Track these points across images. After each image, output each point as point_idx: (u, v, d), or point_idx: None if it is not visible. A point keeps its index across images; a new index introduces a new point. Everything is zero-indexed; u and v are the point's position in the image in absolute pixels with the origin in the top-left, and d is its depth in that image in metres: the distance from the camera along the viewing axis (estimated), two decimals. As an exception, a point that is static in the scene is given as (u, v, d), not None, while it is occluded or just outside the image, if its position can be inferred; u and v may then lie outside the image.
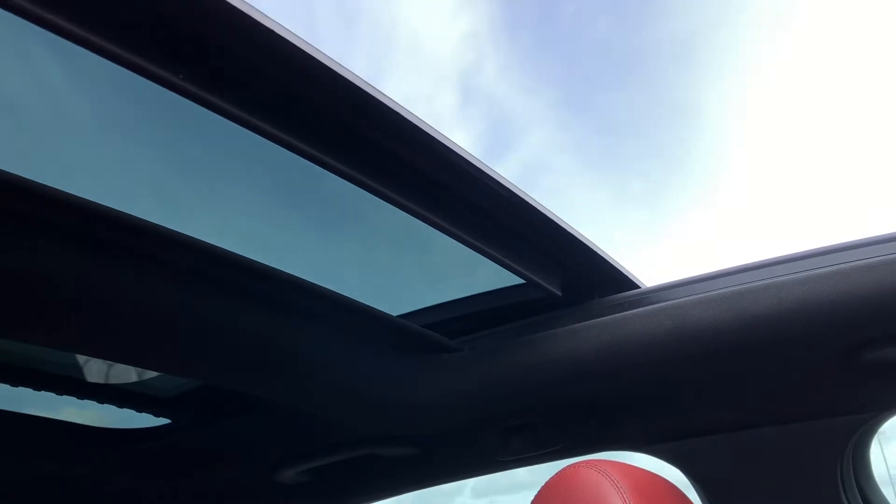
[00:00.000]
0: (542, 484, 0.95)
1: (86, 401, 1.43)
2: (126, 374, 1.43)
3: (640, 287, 1.24)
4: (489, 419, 1.35)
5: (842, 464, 1.21)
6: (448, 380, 1.30)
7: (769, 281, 1.07)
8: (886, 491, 1.29)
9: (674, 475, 1.30)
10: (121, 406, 1.45)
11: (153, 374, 1.42)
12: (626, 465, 0.96)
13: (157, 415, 1.49)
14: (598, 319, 1.19)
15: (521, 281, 1.19)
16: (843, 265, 1.02)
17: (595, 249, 1.18)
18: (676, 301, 1.14)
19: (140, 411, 1.47)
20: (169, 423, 1.51)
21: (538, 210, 1.06)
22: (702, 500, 1.30)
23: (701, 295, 1.12)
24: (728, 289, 1.10)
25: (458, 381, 1.29)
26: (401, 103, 0.87)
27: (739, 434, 1.26)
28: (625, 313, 1.17)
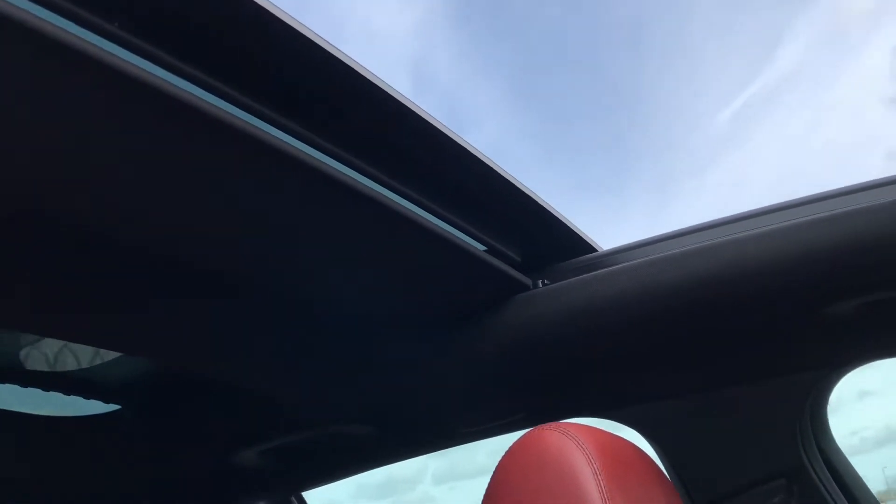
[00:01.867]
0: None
1: (29, 388, 1.37)
2: (72, 360, 1.38)
3: (597, 251, 1.23)
4: (448, 392, 1.33)
5: (800, 420, 1.22)
6: (407, 356, 1.28)
7: (727, 238, 1.06)
8: None
9: (636, 439, 1.30)
10: (68, 393, 1.40)
11: (101, 360, 1.38)
12: (590, 427, 0.95)
13: (106, 401, 1.45)
14: (557, 284, 1.17)
15: (483, 248, 1.17)
16: (799, 220, 1.02)
17: (553, 212, 1.16)
18: (634, 262, 1.13)
19: (88, 398, 1.43)
20: (119, 409, 1.46)
21: (495, 170, 1.04)
22: (664, 462, 1.30)
23: (658, 255, 1.11)
24: (686, 248, 1.09)
25: (417, 356, 1.27)
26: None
27: (699, 395, 1.26)
28: (583, 276, 1.15)
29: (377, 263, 1.09)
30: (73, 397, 1.42)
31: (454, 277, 1.17)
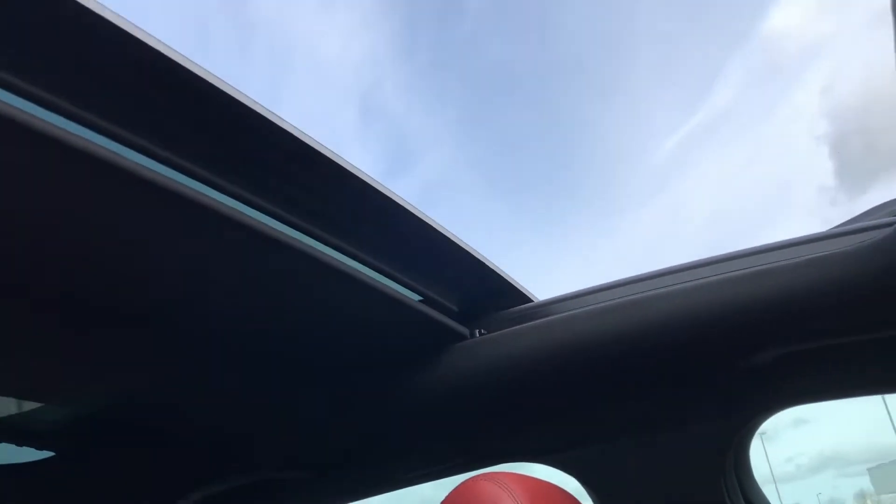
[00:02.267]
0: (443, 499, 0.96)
1: None
2: (3, 406, 1.35)
3: (532, 301, 1.28)
4: (388, 438, 1.35)
5: (724, 463, 1.27)
6: (346, 402, 1.30)
7: (655, 292, 1.12)
8: (770, 489, 1.36)
9: (571, 484, 1.33)
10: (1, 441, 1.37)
11: (32, 405, 1.35)
12: (523, 476, 0.98)
13: (39, 448, 1.42)
14: (493, 334, 1.21)
15: (419, 298, 1.20)
16: (721, 276, 1.08)
17: (489, 265, 1.20)
18: (567, 314, 1.17)
19: (21, 445, 1.40)
20: (53, 456, 1.43)
21: (433, 227, 1.08)
22: None
23: (591, 307, 1.16)
24: (617, 300, 1.14)
25: (357, 402, 1.29)
26: (295, 124, 0.86)
27: (628, 439, 1.31)
28: (518, 326, 1.20)
29: (315, 313, 1.11)
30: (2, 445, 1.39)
31: (392, 327, 1.20)
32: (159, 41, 0.71)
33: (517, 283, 1.26)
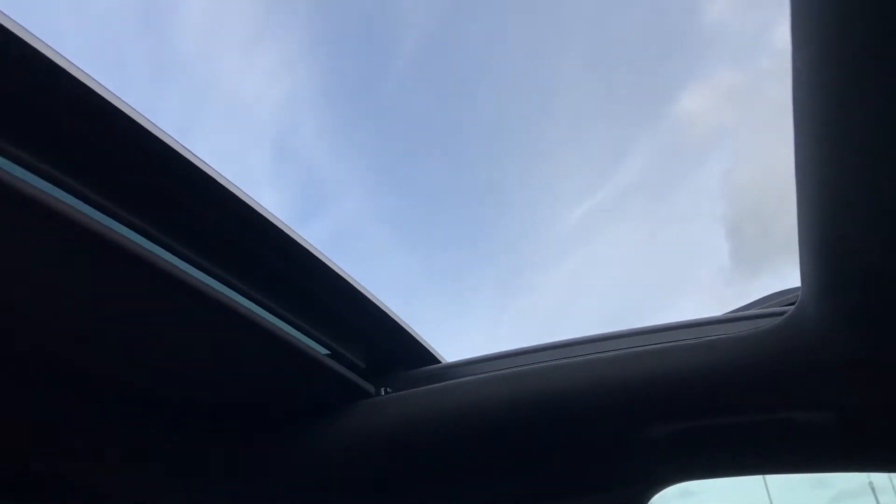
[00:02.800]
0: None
1: None
2: None
3: (440, 362, 1.28)
4: (291, 492, 1.32)
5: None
6: (250, 453, 1.26)
7: (557, 363, 1.14)
8: None
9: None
10: None
11: None
12: None
13: None
14: (399, 393, 1.21)
15: (326, 351, 1.19)
16: (625, 350, 1.12)
17: (400, 323, 1.20)
18: (473, 378, 1.18)
19: None
20: None
21: (346, 280, 1.08)
22: None
23: (496, 373, 1.17)
24: (521, 368, 1.16)
25: (261, 454, 1.26)
26: (206, 159, 0.85)
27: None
28: (425, 388, 1.20)
29: (216, 358, 1.09)
30: None
31: (298, 378, 1.18)
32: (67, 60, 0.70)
33: (426, 342, 1.27)
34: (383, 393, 1.22)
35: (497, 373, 1.16)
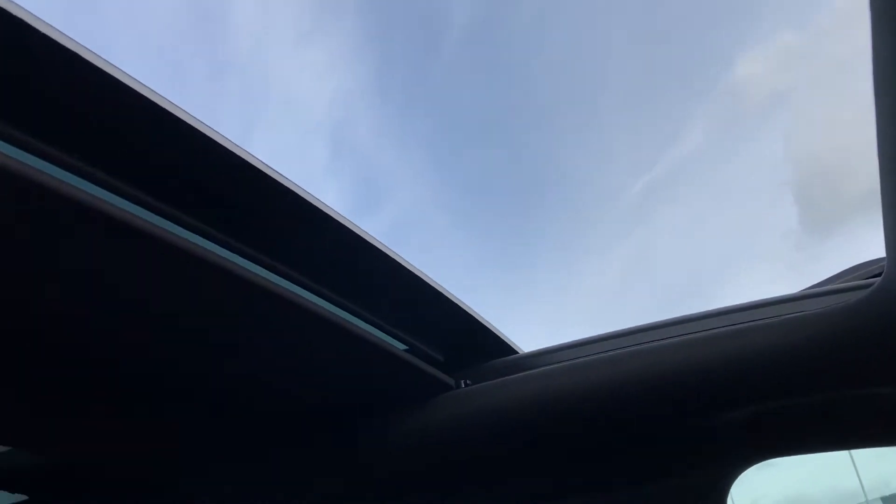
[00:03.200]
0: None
1: None
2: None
3: (517, 353, 1.30)
4: (372, 486, 1.35)
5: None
6: (334, 449, 1.30)
7: (637, 348, 1.15)
8: None
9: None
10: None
11: (4, 448, 1.33)
12: None
13: (12, 491, 1.40)
14: (479, 385, 1.22)
15: (405, 347, 1.22)
16: (703, 333, 1.12)
17: (475, 316, 1.22)
18: (551, 367, 1.19)
19: None
20: (26, 500, 1.41)
21: (421, 278, 1.10)
22: None
23: (575, 361, 1.18)
24: (599, 355, 1.17)
25: (341, 454, 1.29)
26: (267, 160, 0.87)
27: (610, 493, 1.32)
28: (504, 378, 1.21)
29: (300, 360, 1.12)
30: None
31: (378, 376, 1.21)
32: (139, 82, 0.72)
33: (501, 334, 1.28)
34: (463, 385, 1.24)
35: (577, 361, 1.17)
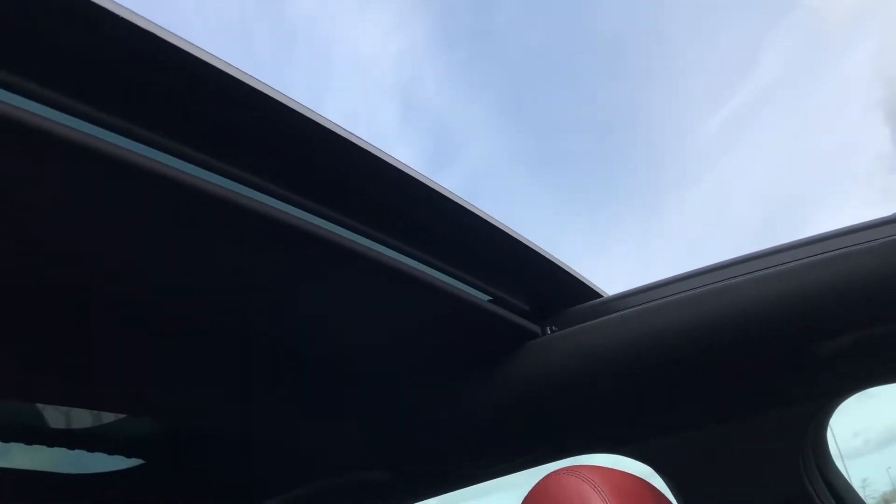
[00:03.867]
0: (528, 489, 0.99)
1: (35, 446, 1.40)
2: (91, 418, 1.41)
3: (602, 296, 1.29)
4: (463, 437, 1.38)
5: (802, 449, 1.27)
6: (421, 404, 1.33)
7: (726, 283, 1.13)
8: (837, 465, 1.36)
9: (646, 472, 1.34)
10: (92, 450, 1.43)
11: (120, 415, 1.41)
12: (604, 468, 1.00)
13: (128, 456, 1.48)
14: (565, 330, 1.23)
15: (489, 298, 1.23)
16: (794, 263, 1.09)
17: (557, 262, 1.22)
18: (637, 308, 1.19)
19: (111, 454, 1.46)
20: (142, 464, 1.49)
21: (498, 227, 1.10)
22: (674, 495, 1.35)
23: (661, 301, 1.17)
24: (687, 293, 1.15)
25: (432, 404, 1.32)
26: (340, 122, 0.88)
27: (705, 429, 1.31)
28: (590, 322, 1.21)
29: (386, 319, 1.15)
30: (96, 454, 1.45)
31: (463, 328, 1.22)
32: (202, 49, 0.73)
33: (585, 278, 1.28)
34: (549, 332, 1.25)
35: (663, 300, 1.16)
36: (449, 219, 1.05)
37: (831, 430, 1.38)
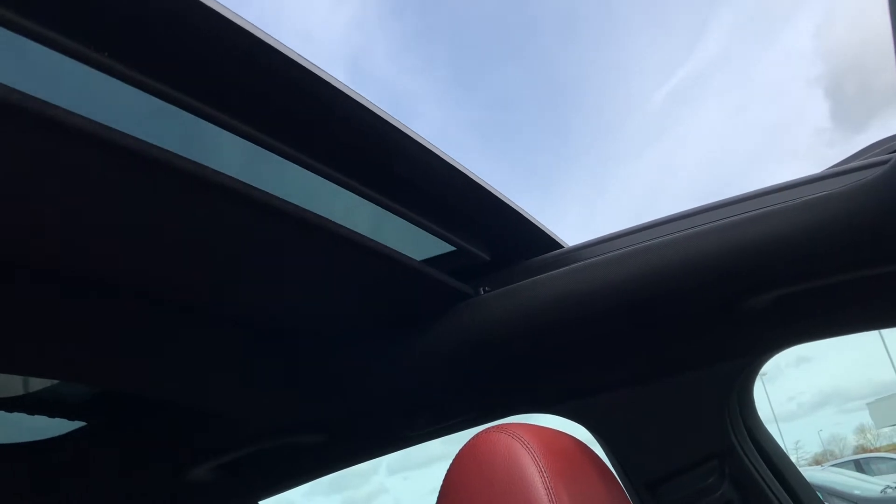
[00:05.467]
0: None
1: None
2: (36, 382, 1.38)
3: (563, 247, 1.29)
4: (397, 397, 1.37)
5: (729, 406, 1.30)
6: (354, 363, 1.32)
7: (653, 241, 1.13)
8: (771, 428, 1.40)
9: (580, 433, 1.36)
10: (32, 413, 1.39)
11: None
12: (535, 426, 1.00)
13: (71, 419, 1.45)
14: (497, 290, 1.22)
15: (451, 249, 1.21)
16: (721, 221, 1.10)
17: (520, 211, 1.21)
18: (568, 268, 1.19)
19: (52, 416, 1.42)
20: (83, 427, 1.46)
21: (462, 173, 1.07)
22: (606, 452, 1.37)
23: (592, 259, 1.17)
24: (617, 252, 1.16)
25: (365, 363, 1.31)
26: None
27: (635, 387, 1.33)
28: (520, 283, 1.21)
29: (321, 283, 1.13)
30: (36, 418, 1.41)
31: (396, 290, 1.21)
32: None
33: (547, 228, 1.27)
34: (482, 293, 1.24)
35: (595, 259, 1.16)
36: (412, 161, 1.02)
37: (766, 393, 1.42)
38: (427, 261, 1.24)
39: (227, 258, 1.00)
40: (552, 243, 1.29)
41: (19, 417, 1.39)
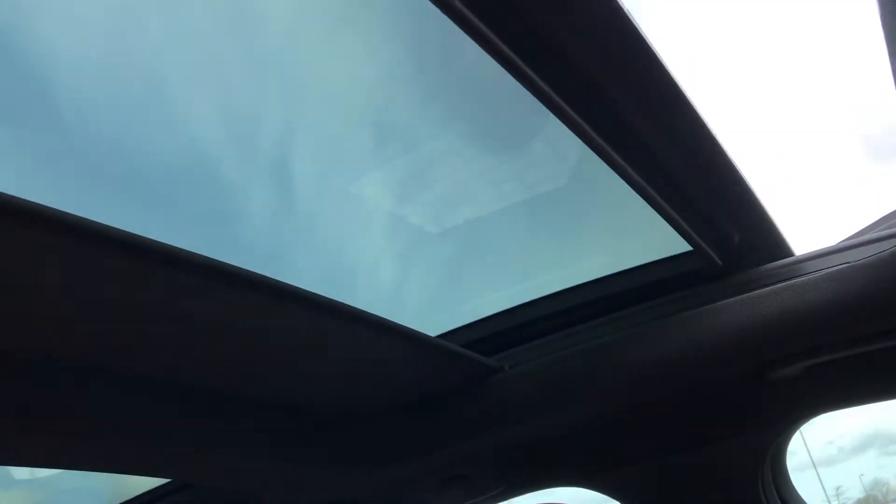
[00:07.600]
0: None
1: None
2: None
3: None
4: (430, 473, 1.38)
5: (762, 474, 1.29)
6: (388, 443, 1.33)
7: (685, 313, 1.15)
8: (810, 475, 1.38)
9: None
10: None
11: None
12: None
13: None
14: (523, 366, 1.24)
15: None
16: (745, 294, 1.12)
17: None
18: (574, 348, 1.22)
19: None
20: None
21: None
22: None
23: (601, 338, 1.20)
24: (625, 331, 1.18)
25: (400, 443, 1.32)
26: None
27: (668, 458, 1.33)
28: (547, 358, 1.23)
29: (357, 362, 1.14)
30: None
31: (424, 368, 1.22)
32: None
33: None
34: (507, 369, 1.25)
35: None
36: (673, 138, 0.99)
37: (803, 439, 1.40)
38: (459, 342, 1.25)
39: (279, 350, 1.02)
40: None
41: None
